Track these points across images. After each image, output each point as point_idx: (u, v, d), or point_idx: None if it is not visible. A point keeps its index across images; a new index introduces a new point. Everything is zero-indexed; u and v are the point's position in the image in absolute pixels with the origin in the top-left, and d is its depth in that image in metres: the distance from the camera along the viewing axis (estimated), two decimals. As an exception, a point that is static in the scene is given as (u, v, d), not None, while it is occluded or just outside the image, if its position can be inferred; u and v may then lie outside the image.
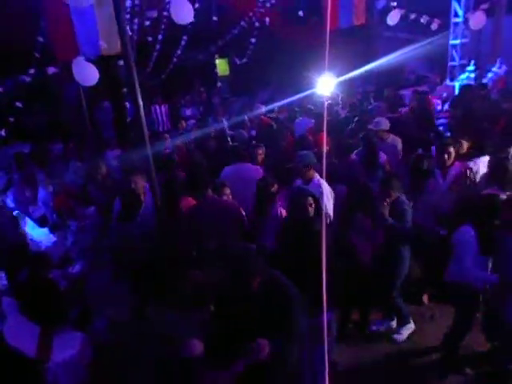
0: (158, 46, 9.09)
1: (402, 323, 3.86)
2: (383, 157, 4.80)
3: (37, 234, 4.73)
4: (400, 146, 5.32)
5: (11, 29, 7.27)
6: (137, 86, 2.11)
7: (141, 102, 2.13)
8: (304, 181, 4.02)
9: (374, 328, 3.97)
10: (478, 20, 7.27)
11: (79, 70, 4.67)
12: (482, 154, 4.32)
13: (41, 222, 5.44)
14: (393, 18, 7.87)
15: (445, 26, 9.31)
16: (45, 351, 3.12)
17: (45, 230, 5.39)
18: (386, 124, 5.33)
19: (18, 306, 3.30)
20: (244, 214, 3.76)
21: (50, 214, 5.89)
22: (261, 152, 5.02)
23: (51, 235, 5.46)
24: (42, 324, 3.26)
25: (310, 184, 3.92)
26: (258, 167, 4.71)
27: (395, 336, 3.83)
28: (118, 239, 4.02)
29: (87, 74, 4.67)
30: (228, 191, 3.99)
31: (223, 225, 3.56)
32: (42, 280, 3.37)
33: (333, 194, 3.94)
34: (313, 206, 3.15)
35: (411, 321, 3.85)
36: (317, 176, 3.99)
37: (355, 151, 5.03)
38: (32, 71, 4.98)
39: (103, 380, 3.41)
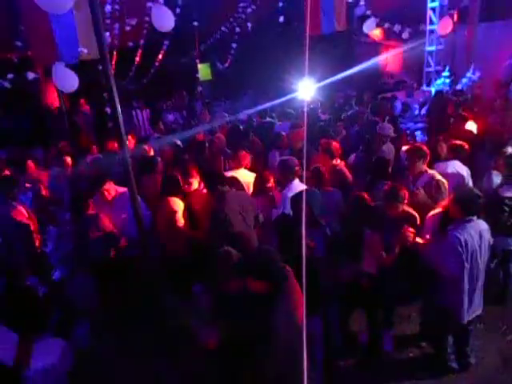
0: (139, 51, 9.09)
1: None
2: None
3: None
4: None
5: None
6: (114, 91, 2.13)
7: (119, 107, 2.15)
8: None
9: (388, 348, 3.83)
10: (444, 25, 7.51)
11: (59, 77, 4.63)
12: (455, 158, 4.45)
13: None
14: (368, 27, 8.05)
15: (421, 33, 9.57)
16: (24, 359, 3.09)
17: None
18: (390, 129, 5.40)
19: (-4, 313, 3.25)
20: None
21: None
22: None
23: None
24: (20, 332, 3.22)
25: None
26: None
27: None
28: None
29: (67, 80, 4.64)
30: (240, 186, 4.23)
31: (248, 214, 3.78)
32: (18, 288, 3.34)
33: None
34: None
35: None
36: (296, 180, 4.08)
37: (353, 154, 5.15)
38: (11, 76, 4.93)
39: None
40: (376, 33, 10.56)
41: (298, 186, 3.99)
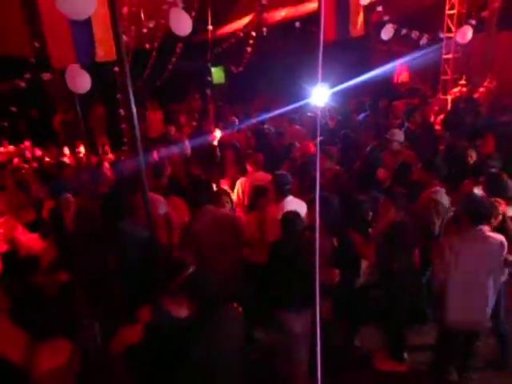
0: (154, 53, 9.13)
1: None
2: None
3: (27, 238, 4.68)
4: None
5: (8, 33, 7.27)
6: (131, 92, 2.12)
7: (134, 109, 2.13)
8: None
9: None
10: (464, 34, 7.46)
11: (72, 77, 4.68)
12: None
13: (32, 227, 5.38)
14: (386, 33, 7.97)
15: (439, 40, 9.44)
16: (31, 359, 3.07)
17: (36, 235, 5.33)
18: (400, 136, 5.29)
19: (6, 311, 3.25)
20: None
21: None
22: None
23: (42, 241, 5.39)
24: (28, 331, 3.21)
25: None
26: None
27: None
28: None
29: (80, 81, 4.68)
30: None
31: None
32: (29, 286, 3.33)
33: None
34: None
35: None
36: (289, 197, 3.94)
37: None
38: (27, 76, 4.99)
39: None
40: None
41: (291, 203, 3.85)
